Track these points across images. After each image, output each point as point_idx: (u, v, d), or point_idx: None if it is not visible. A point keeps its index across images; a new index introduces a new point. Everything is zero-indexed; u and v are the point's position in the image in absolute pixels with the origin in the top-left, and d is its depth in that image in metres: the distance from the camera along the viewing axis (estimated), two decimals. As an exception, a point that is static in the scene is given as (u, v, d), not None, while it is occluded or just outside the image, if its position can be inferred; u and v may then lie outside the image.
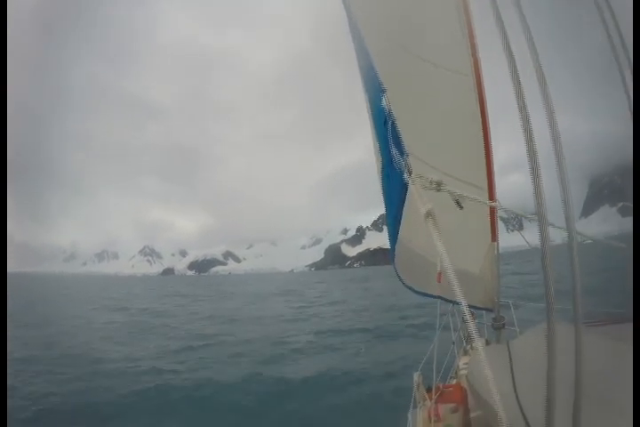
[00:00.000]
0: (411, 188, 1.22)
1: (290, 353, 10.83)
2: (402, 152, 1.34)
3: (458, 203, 1.16)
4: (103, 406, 7.23)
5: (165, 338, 14.06)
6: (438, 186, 1.14)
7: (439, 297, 3.80)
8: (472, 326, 1.22)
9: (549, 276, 1.00)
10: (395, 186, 2.16)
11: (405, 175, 1.28)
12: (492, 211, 3.65)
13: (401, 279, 4.16)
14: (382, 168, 2.94)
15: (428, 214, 1.08)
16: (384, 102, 1.52)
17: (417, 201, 1.14)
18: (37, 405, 7.18)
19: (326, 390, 7.64)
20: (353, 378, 8.24)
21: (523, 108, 1.07)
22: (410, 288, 4.15)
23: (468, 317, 1.18)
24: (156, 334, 15.15)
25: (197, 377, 8.81)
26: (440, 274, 1.45)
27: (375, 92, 2.14)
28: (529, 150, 1.05)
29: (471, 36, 3.07)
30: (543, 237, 1.02)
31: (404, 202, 2.36)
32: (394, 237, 3.42)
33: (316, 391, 7.58)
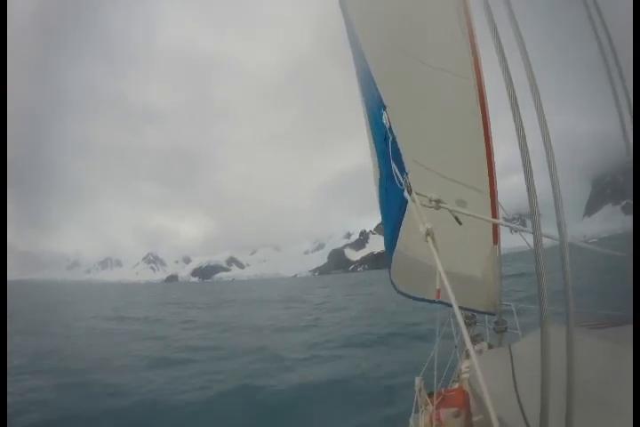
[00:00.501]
0: (410, 206, 1.21)
1: (284, 369, 10.08)
2: (402, 170, 1.32)
3: (457, 219, 1.13)
4: (64, 421, 6.91)
5: (157, 349, 13.57)
6: (437, 204, 1.13)
7: (440, 302, 3.73)
8: (465, 334, 1.29)
9: (543, 282, 1.05)
10: (394, 200, 2.12)
11: (405, 194, 1.29)
12: (494, 213, 3.62)
13: (395, 288, 4.10)
14: (380, 180, 2.91)
15: (428, 233, 1.07)
16: (384, 119, 1.50)
17: (417, 220, 1.13)
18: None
19: (322, 409, 7.14)
20: (351, 395, 7.75)
21: (513, 96, 1.12)
22: (406, 295, 4.07)
23: (461, 325, 1.27)
24: (148, 344, 14.78)
25: (181, 394, 8.27)
26: (439, 291, 1.44)
27: (375, 107, 2.10)
28: (522, 152, 1.09)
29: (471, 35, 3.04)
30: (537, 249, 1.06)
31: (403, 214, 2.32)
32: (391, 246, 3.36)
33: (311, 410, 7.08)
